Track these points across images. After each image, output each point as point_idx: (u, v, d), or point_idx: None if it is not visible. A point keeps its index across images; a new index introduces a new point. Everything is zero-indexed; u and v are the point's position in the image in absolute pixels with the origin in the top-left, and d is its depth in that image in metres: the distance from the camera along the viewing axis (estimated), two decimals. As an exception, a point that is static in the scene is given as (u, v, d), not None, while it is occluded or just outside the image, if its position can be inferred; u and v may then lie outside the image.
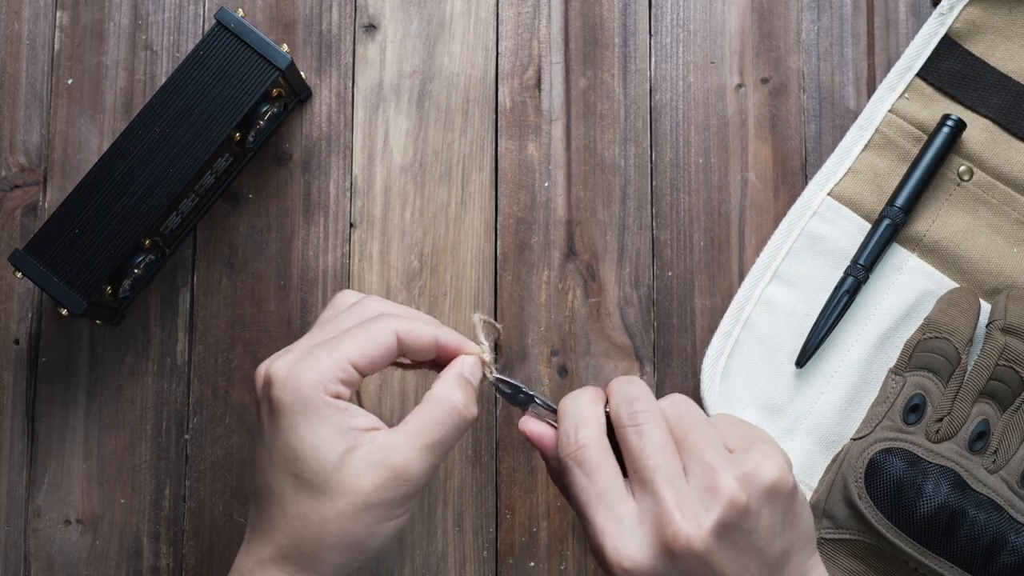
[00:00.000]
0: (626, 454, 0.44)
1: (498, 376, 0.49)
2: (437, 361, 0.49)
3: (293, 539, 0.44)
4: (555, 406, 0.48)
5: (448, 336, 0.48)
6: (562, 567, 0.59)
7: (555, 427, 0.47)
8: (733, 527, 0.42)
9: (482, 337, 0.49)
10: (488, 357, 0.48)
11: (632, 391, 0.46)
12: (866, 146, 0.60)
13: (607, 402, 0.46)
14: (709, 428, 0.45)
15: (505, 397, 0.49)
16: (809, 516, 0.46)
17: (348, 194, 0.62)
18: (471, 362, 0.48)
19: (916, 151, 0.60)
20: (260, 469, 0.45)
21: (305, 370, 0.44)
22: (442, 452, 0.46)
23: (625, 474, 0.44)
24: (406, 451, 0.44)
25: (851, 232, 0.59)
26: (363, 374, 0.46)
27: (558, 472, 0.47)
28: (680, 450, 0.44)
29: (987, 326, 0.56)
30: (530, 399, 0.48)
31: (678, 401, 0.46)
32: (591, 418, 0.46)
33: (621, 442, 0.45)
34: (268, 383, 0.44)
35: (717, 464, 0.43)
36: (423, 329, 0.47)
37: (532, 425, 0.48)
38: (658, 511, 0.42)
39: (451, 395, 0.46)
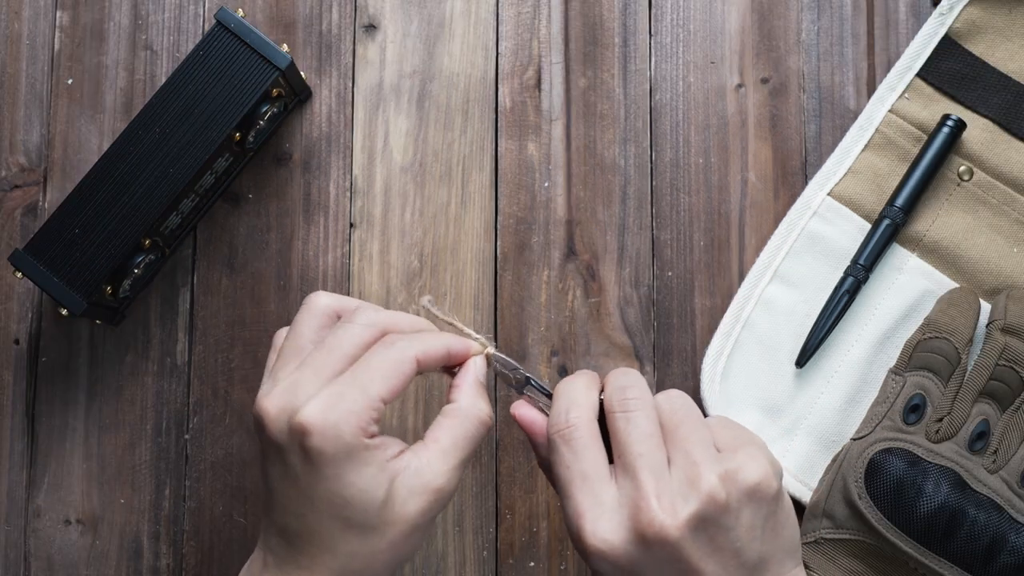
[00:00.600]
0: (613, 439, 0.45)
1: (496, 354, 0.49)
2: (444, 365, 0.49)
3: (341, 574, 0.44)
4: (550, 390, 0.48)
5: (455, 343, 0.48)
6: (562, 567, 0.59)
7: (547, 413, 0.48)
8: (710, 522, 0.42)
9: (470, 329, 0.49)
10: (491, 349, 0.49)
11: (627, 380, 0.46)
12: (866, 146, 0.60)
13: (603, 391, 0.47)
14: (700, 425, 0.45)
15: (503, 378, 0.49)
16: (794, 527, 0.46)
17: (348, 194, 0.62)
18: (481, 363, 0.48)
19: (916, 151, 0.60)
20: (294, 513, 0.44)
21: (343, 417, 0.43)
22: (470, 462, 0.46)
23: (612, 461, 0.45)
24: (444, 471, 0.44)
25: (851, 232, 0.60)
26: (387, 404, 0.45)
27: (546, 458, 0.47)
28: (667, 442, 0.45)
29: (987, 326, 0.56)
30: (527, 381, 0.49)
31: (674, 396, 0.46)
32: (584, 401, 0.46)
33: (610, 427, 0.45)
34: (302, 432, 0.43)
35: (701, 459, 0.43)
36: (436, 345, 0.47)
37: (524, 410, 0.48)
38: (636, 497, 0.43)
39: (475, 407, 0.46)
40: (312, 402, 0.43)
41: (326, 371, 0.45)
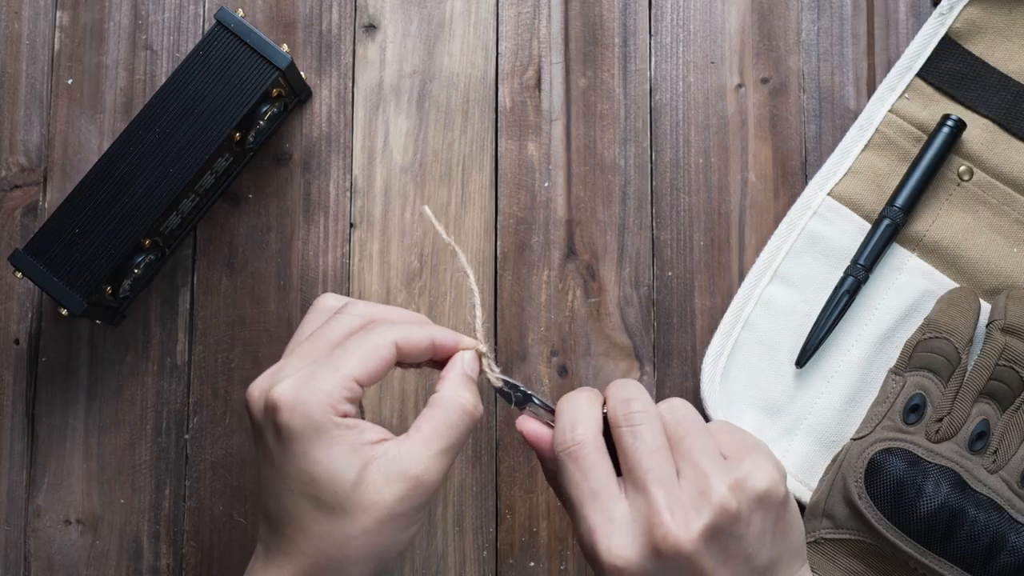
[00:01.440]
0: (620, 454, 0.45)
1: (498, 375, 0.49)
2: (434, 359, 0.49)
3: (316, 559, 0.44)
4: (552, 406, 0.48)
5: (443, 335, 0.48)
6: (562, 567, 0.59)
7: (552, 427, 0.48)
8: (723, 532, 0.42)
9: (479, 328, 0.49)
10: (484, 348, 0.49)
11: (629, 392, 0.46)
12: (866, 146, 0.60)
13: (604, 404, 0.47)
14: (704, 434, 0.45)
15: (503, 396, 0.49)
16: (800, 528, 0.46)
17: (348, 194, 0.62)
18: (470, 357, 0.48)
19: (916, 151, 0.60)
20: (272, 494, 0.45)
21: (312, 393, 0.43)
22: (455, 454, 0.46)
23: (619, 474, 0.45)
24: (423, 458, 0.44)
25: (851, 232, 0.60)
26: (365, 387, 0.45)
27: (554, 472, 0.47)
28: (674, 453, 0.44)
29: (987, 326, 0.56)
30: (528, 398, 0.49)
31: (677, 405, 0.46)
32: (588, 416, 0.46)
33: (616, 442, 0.45)
34: (273, 408, 0.43)
35: (710, 469, 0.43)
36: (419, 334, 0.47)
37: (530, 425, 0.48)
38: (649, 512, 0.42)
39: (459, 396, 0.46)
40: (285, 380, 0.44)
41: (309, 356, 0.45)
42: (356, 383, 0.44)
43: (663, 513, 0.42)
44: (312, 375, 0.44)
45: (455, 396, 0.46)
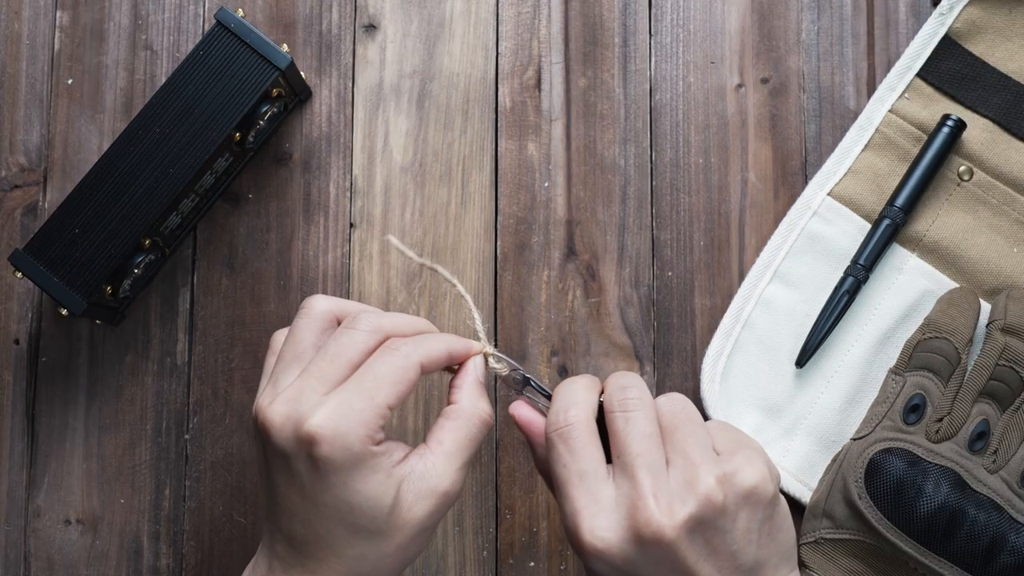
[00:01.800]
0: (612, 438, 0.45)
1: (497, 353, 0.49)
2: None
3: None
4: (549, 390, 0.49)
5: (456, 344, 0.48)
6: (562, 567, 0.59)
7: (545, 414, 0.48)
8: (707, 524, 0.43)
9: (480, 329, 0.50)
10: (490, 349, 0.49)
11: (627, 381, 0.47)
12: (866, 146, 0.60)
13: (602, 393, 0.47)
14: (699, 428, 0.45)
15: (502, 379, 0.50)
16: (791, 531, 0.46)
17: (348, 194, 0.62)
18: (480, 362, 0.49)
19: (916, 151, 0.60)
20: (301, 519, 0.44)
21: (352, 426, 0.43)
22: (473, 462, 0.46)
23: (610, 460, 0.45)
24: (449, 473, 0.45)
25: (851, 232, 0.60)
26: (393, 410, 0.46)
27: (544, 459, 0.48)
28: (666, 443, 0.45)
29: (987, 326, 0.56)
30: (526, 381, 0.49)
31: (675, 398, 0.47)
32: (583, 400, 0.46)
33: (609, 426, 0.45)
34: (310, 441, 0.43)
35: (699, 460, 0.43)
36: (438, 349, 0.47)
37: (522, 410, 0.49)
38: (634, 496, 0.43)
39: (478, 407, 0.47)
40: (320, 411, 0.43)
41: (330, 379, 0.44)
42: (388, 409, 0.44)
43: (647, 498, 0.42)
44: (347, 405, 0.43)
45: (473, 407, 0.47)
